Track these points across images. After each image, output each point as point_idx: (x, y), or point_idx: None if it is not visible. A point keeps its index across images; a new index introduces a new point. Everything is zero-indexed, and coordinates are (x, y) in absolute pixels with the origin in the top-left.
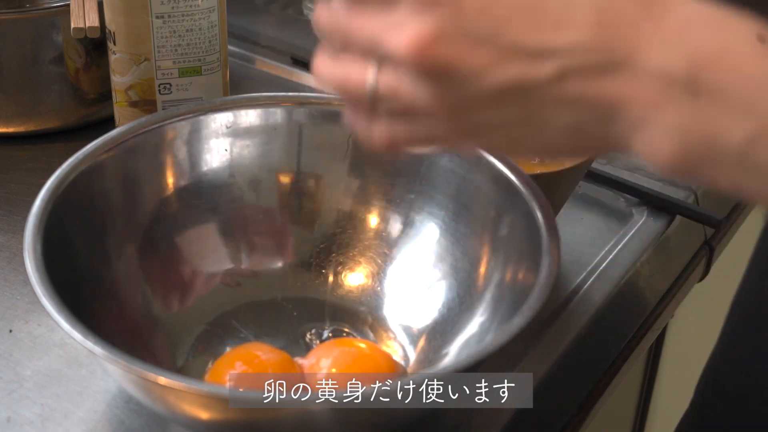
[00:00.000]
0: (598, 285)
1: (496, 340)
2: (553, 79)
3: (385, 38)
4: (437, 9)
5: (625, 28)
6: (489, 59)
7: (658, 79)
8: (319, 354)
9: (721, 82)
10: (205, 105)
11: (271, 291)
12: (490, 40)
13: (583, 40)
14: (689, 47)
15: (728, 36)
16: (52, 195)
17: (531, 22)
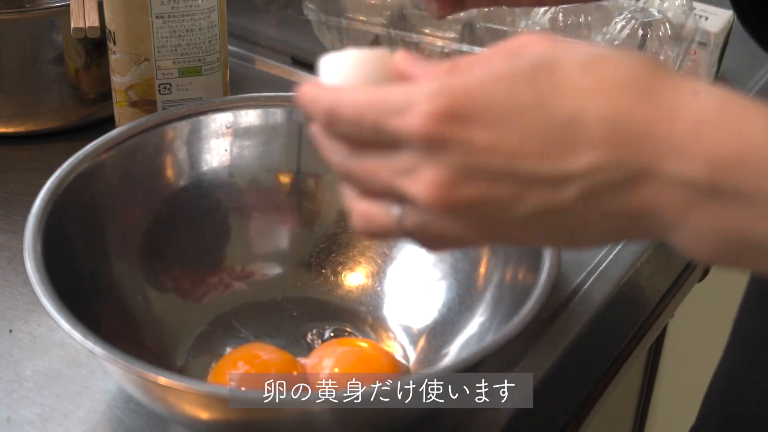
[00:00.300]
0: (598, 285)
1: (496, 340)
2: (579, 201)
3: (401, 185)
4: (447, 152)
5: (639, 141)
6: (511, 192)
7: (680, 187)
8: (322, 354)
9: (744, 184)
10: (205, 105)
11: (271, 291)
12: (507, 174)
13: (600, 160)
14: (706, 153)
15: (743, 132)
16: (52, 195)
17: (544, 150)
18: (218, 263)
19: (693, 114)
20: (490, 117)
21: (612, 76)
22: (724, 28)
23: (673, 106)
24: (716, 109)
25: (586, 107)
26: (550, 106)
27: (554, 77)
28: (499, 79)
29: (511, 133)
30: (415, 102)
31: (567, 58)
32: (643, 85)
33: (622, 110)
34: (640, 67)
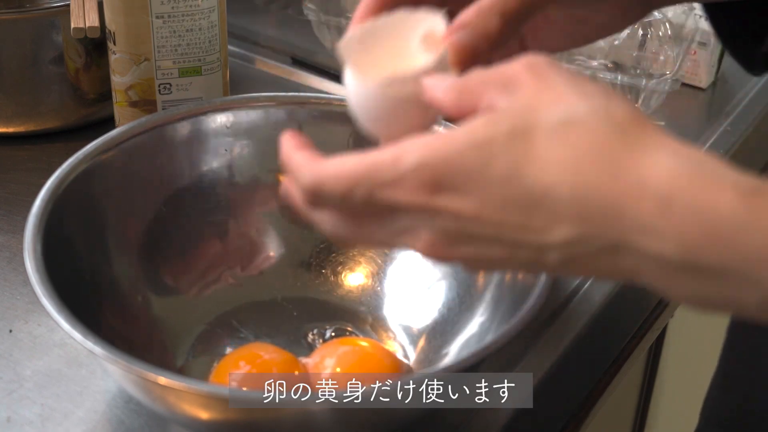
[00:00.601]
0: (598, 285)
1: (496, 340)
2: (562, 264)
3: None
4: (438, 219)
5: (608, 218)
6: (501, 253)
7: (656, 262)
8: (323, 353)
9: (716, 262)
10: (205, 105)
11: (271, 291)
12: (495, 239)
13: (573, 235)
14: (675, 232)
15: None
16: (52, 195)
17: (524, 220)
18: (218, 263)
19: (661, 190)
20: (473, 186)
21: (581, 146)
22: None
23: (641, 181)
24: (685, 183)
25: (558, 182)
26: (524, 178)
27: (528, 147)
28: (477, 145)
29: (494, 203)
30: (404, 175)
31: (543, 119)
32: (612, 157)
33: (589, 187)
34: (610, 133)
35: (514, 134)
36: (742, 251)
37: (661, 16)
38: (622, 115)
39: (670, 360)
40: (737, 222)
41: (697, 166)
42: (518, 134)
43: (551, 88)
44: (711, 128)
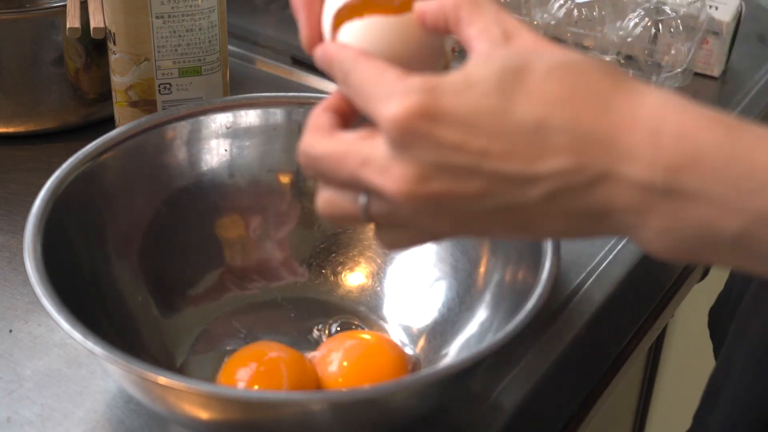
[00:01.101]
0: (598, 285)
1: (496, 340)
2: (542, 200)
3: (368, 177)
4: (416, 149)
5: (600, 149)
6: (477, 189)
7: (639, 190)
8: (330, 347)
9: (701, 186)
10: (205, 105)
11: (271, 291)
12: (474, 171)
13: (564, 166)
14: (663, 157)
15: (697, 138)
16: (52, 195)
17: (510, 151)
18: (218, 263)
19: (651, 123)
20: (460, 117)
21: (577, 85)
22: (734, 17)
23: (633, 116)
24: (673, 116)
25: (551, 114)
26: (515, 113)
27: (522, 82)
28: (471, 84)
29: (479, 134)
30: (396, 93)
31: (537, 61)
32: (605, 95)
33: (584, 120)
34: (603, 77)
35: (507, 72)
36: (725, 178)
37: (674, 14)
38: (611, 68)
39: (670, 360)
40: (722, 151)
41: (685, 104)
42: (511, 72)
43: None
44: None
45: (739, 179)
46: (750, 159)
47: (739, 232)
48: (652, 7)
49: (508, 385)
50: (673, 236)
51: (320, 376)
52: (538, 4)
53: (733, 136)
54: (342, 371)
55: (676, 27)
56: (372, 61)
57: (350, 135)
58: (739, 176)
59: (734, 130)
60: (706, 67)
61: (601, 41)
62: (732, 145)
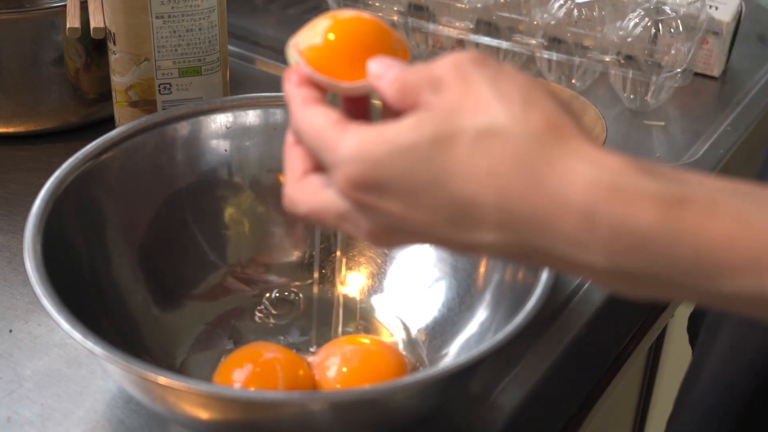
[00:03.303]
0: None
1: (496, 340)
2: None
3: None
4: (370, 214)
5: (532, 226)
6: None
7: (586, 270)
8: (328, 351)
9: (646, 270)
10: (205, 105)
11: (271, 291)
12: (426, 235)
13: (499, 241)
14: (599, 242)
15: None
16: (52, 195)
17: (450, 223)
18: (218, 263)
19: (582, 204)
20: (396, 190)
21: (502, 156)
22: (734, 17)
23: (562, 194)
24: (605, 197)
25: (480, 192)
26: (447, 188)
27: (449, 156)
28: (401, 152)
29: (419, 207)
30: (338, 162)
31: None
32: (531, 168)
33: (512, 198)
34: (531, 144)
35: (437, 141)
36: (668, 263)
37: (674, 14)
38: (541, 120)
39: (670, 360)
40: (660, 236)
41: (617, 177)
42: (441, 141)
43: (473, 91)
44: (723, 115)
45: (687, 264)
46: (695, 242)
47: (698, 301)
48: (652, 7)
49: (508, 385)
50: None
51: (318, 380)
52: (538, 4)
53: (675, 217)
54: (340, 377)
55: (676, 27)
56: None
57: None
58: (684, 259)
59: (675, 209)
60: (706, 67)
61: (601, 41)
62: (674, 227)
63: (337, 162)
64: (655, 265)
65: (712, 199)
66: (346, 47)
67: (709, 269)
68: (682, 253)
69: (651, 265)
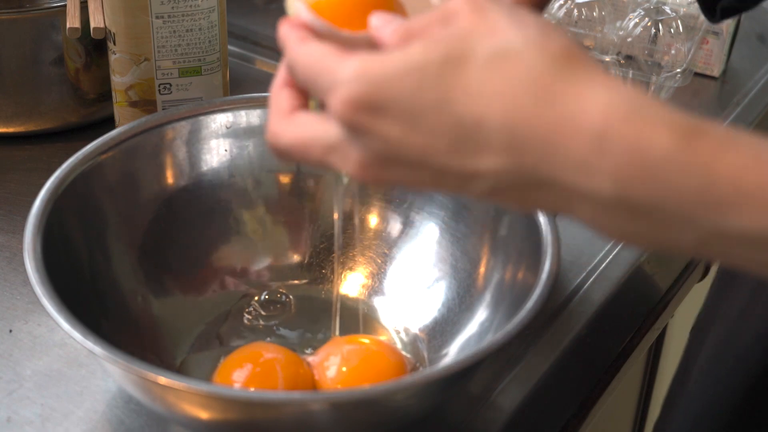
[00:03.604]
0: (598, 285)
1: (496, 340)
2: (487, 193)
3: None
4: (366, 138)
5: (539, 149)
6: (428, 179)
7: (587, 201)
8: (328, 351)
9: (653, 201)
10: (205, 105)
11: (270, 291)
12: (422, 164)
13: (500, 167)
14: (610, 168)
15: (649, 146)
16: (52, 195)
17: (451, 147)
18: (218, 263)
19: (596, 126)
20: (400, 111)
21: (516, 76)
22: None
23: (576, 115)
24: (620, 120)
25: (488, 112)
26: (454, 108)
27: (460, 76)
28: (409, 71)
29: (419, 130)
30: (338, 83)
31: (478, 48)
32: (545, 89)
33: (522, 118)
34: (545, 66)
35: (447, 61)
36: (677, 192)
37: (674, 14)
38: (558, 47)
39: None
40: (673, 162)
41: (634, 103)
42: (451, 62)
43: (488, 19)
44: (723, 115)
45: (693, 193)
46: (708, 171)
47: (697, 243)
48: (652, 7)
49: (508, 385)
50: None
51: (318, 380)
52: None
53: (690, 145)
54: (340, 376)
55: (676, 27)
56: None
57: (310, 119)
58: (694, 190)
59: (691, 137)
60: (706, 67)
61: (601, 41)
62: (688, 155)
63: (335, 83)
64: (663, 194)
65: (729, 134)
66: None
67: (717, 201)
68: (692, 183)
69: (658, 195)
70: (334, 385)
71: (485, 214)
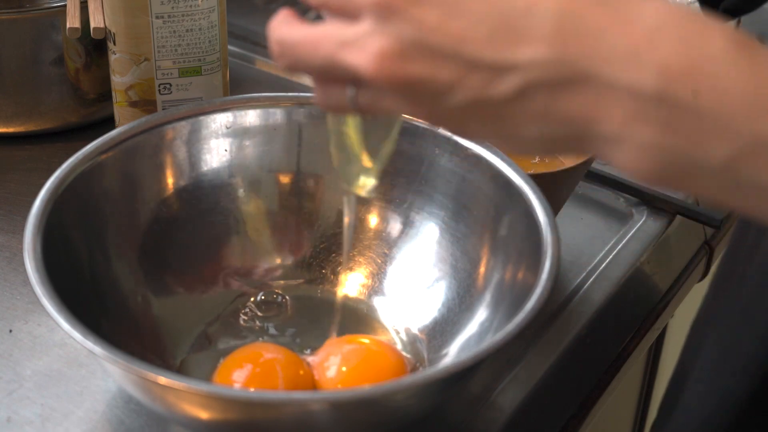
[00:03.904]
0: (598, 285)
1: (496, 340)
2: (516, 94)
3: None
4: (396, 23)
5: (587, 39)
6: (453, 74)
7: (625, 96)
8: (328, 351)
9: (695, 97)
10: (205, 105)
11: (270, 291)
12: (451, 55)
13: (541, 56)
14: (658, 60)
15: (701, 45)
16: (52, 195)
17: (491, 36)
18: (218, 263)
19: (650, 21)
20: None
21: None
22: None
23: (631, 11)
24: (675, 20)
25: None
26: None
27: None
28: None
29: (461, 15)
30: None
31: None
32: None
33: (575, 7)
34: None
35: None
36: (723, 92)
37: None
38: None
39: (670, 360)
40: (722, 62)
41: (689, 13)
42: None
43: None
44: None
45: (740, 97)
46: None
47: (731, 157)
48: None
49: (508, 385)
50: (656, 155)
51: (318, 380)
52: None
53: (742, 51)
54: (340, 376)
55: None
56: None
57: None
58: (742, 94)
59: (744, 46)
60: None
61: None
62: (738, 57)
63: None
64: (708, 93)
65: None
66: None
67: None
68: (739, 85)
69: (703, 93)
70: (334, 385)
71: (485, 214)
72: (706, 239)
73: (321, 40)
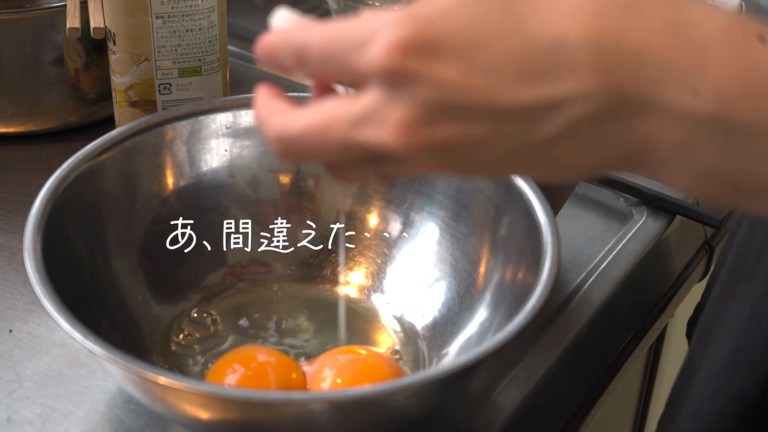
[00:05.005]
0: (598, 285)
1: (496, 340)
2: (561, 132)
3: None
4: (413, 88)
5: (632, 67)
6: (486, 129)
7: (681, 121)
8: (323, 362)
9: (754, 118)
10: (205, 105)
11: (270, 291)
12: (481, 109)
13: (584, 88)
14: (713, 82)
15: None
16: (52, 195)
17: (519, 79)
18: (218, 263)
19: (696, 36)
20: (458, 48)
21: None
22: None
23: (673, 26)
24: (721, 33)
25: (569, 27)
26: (527, 30)
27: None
28: (465, 4)
29: (481, 66)
30: (377, 32)
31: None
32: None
33: (611, 31)
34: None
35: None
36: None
37: None
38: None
39: (670, 360)
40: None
41: (734, 19)
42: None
43: None
44: None
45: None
46: None
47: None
48: None
49: (508, 385)
50: (714, 176)
51: (310, 387)
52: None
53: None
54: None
55: None
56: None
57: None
58: None
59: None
60: None
61: None
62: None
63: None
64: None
65: None
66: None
67: None
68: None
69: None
70: None
71: (485, 214)
72: (706, 239)
73: (329, 125)
